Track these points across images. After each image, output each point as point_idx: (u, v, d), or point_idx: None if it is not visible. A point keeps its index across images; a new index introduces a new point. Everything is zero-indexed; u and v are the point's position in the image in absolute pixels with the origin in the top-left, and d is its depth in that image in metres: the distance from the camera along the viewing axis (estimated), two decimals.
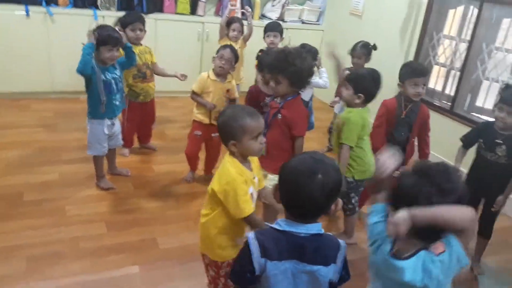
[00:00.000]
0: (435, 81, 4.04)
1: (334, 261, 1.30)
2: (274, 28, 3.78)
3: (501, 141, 2.35)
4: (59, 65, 4.32)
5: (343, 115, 2.46)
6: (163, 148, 3.68)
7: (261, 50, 3.76)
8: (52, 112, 4.17)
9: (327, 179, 1.23)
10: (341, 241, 1.33)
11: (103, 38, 2.62)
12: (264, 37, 3.83)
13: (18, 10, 4.09)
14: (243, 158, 1.71)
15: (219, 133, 1.73)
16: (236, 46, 3.85)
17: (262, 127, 1.71)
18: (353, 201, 2.57)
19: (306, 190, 1.22)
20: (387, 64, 4.25)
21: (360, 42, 3.66)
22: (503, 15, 3.44)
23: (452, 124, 3.68)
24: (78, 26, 4.22)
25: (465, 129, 3.55)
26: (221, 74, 2.96)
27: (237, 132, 1.65)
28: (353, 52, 3.61)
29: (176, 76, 3.38)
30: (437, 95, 4.02)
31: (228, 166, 1.67)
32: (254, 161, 1.79)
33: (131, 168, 3.28)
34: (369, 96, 2.40)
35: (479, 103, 3.67)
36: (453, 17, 3.86)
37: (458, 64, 3.78)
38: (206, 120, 3.01)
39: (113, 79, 2.75)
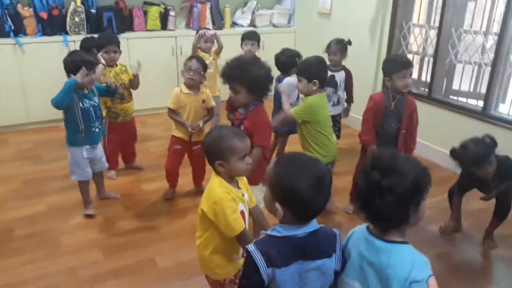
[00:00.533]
0: None
1: (334, 251, 1.31)
2: (251, 37, 3.82)
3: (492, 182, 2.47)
4: (34, 95, 4.27)
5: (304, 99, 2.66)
6: (149, 166, 3.64)
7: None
8: (31, 144, 4.10)
9: (330, 180, 1.26)
10: (335, 230, 1.35)
11: (77, 64, 2.58)
12: (241, 45, 3.85)
13: None
14: (230, 177, 1.71)
15: (206, 153, 1.72)
16: (210, 58, 3.88)
17: (249, 147, 1.72)
18: None
19: (316, 198, 1.23)
20: (362, 59, 4.35)
21: (334, 39, 3.72)
22: None
23: (431, 109, 3.76)
24: (49, 53, 4.21)
25: (444, 113, 3.67)
26: (193, 85, 2.93)
27: (225, 152, 1.65)
28: (328, 49, 3.68)
29: (137, 69, 3.31)
30: (414, 82, 4.08)
31: (215, 186, 1.67)
32: (242, 179, 1.79)
33: (120, 190, 3.25)
34: (322, 80, 2.63)
35: (455, 86, 3.75)
36: (420, 5, 3.95)
37: (430, 50, 3.86)
38: (185, 138, 2.99)
39: (91, 107, 2.71)
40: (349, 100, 3.77)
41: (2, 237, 2.66)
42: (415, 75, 4.09)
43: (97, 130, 2.79)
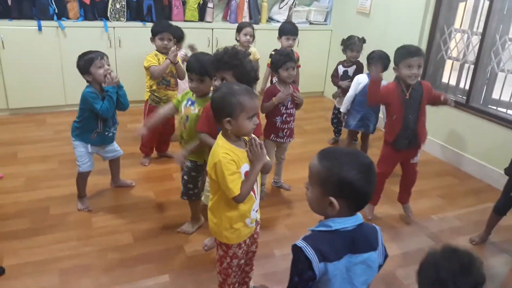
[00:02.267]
0: (449, 75, 4.03)
1: (377, 244, 1.33)
2: (294, 32, 3.80)
3: None
4: (72, 78, 4.32)
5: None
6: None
7: (274, 50, 3.79)
8: (67, 125, 4.15)
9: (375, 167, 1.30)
10: (373, 224, 1.38)
11: (86, 59, 2.62)
12: (280, 38, 3.84)
13: (31, 26, 4.14)
14: (236, 137, 1.72)
15: (214, 109, 1.72)
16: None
17: (258, 107, 1.74)
18: (199, 184, 2.53)
19: (367, 185, 1.25)
20: None
21: (355, 37, 3.90)
22: None
23: (468, 117, 3.67)
24: (89, 38, 4.29)
25: (482, 123, 3.58)
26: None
27: (235, 109, 1.66)
28: (353, 46, 3.85)
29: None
30: (451, 89, 4.01)
31: (217, 148, 1.70)
32: None
33: (151, 177, 3.32)
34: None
35: (495, 95, 3.65)
36: (464, 10, 3.85)
37: (471, 57, 3.77)
38: None
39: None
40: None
41: (38, 215, 2.75)
42: (453, 81, 4.01)
43: (110, 134, 2.83)
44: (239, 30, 3.96)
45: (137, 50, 4.35)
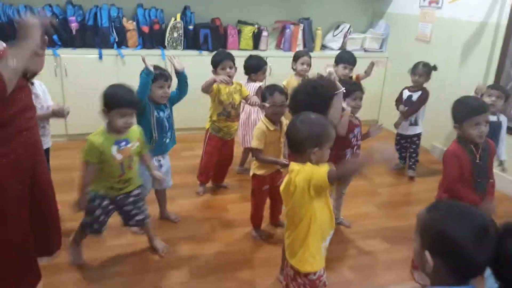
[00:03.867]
0: None
1: None
2: (351, 62, 3.75)
3: None
4: None
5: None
6: (234, 185, 3.62)
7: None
8: None
9: (494, 233, 1.14)
10: None
11: (117, 97, 2.49)
12: (337, 66, 3.78)
13: (92, 54, 4.27)
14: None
15: (297, 139, 1.72)
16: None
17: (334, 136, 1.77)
18: (100, 219, 2.40)
19: (477, 250, 1.11)
20: (463, 92, 4.06)
21: (420, 62, 3.85)
22: None
23: None
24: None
25: None
26: (278, 120, 2.64)
27: (323, 139, 1.70)
28: (415, 70, 3.81)
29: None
30: None
31: (298, 175, 1.70)
32: None
33: (205, 208, 3.25)
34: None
35: None
36: None
37: None
38: (272, 169, 2.71)
39: (165, 118, 2.75)
40: (407, 113, 3.80)
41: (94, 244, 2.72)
42: None
43: (167, 140, 2.82)
44: (295, 59, 3.91)
45: (193, 78, 4.36)
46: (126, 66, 4.40)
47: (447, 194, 2.30)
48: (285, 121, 2.72)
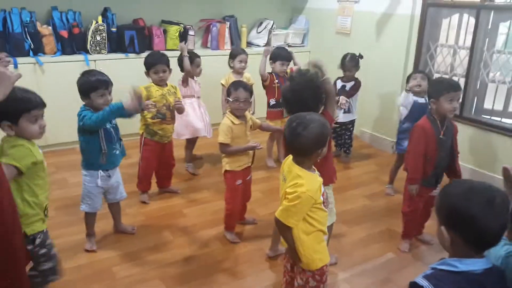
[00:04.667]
0: None
1: None
2: (288, 58, 3.85)
3: None
4: (52, 117, 4.01)
5: None
6: (184, 189, 3.52)
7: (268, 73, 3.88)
8: (52, 167, 3.89)
9: (505, 199, 1.20)
10: (500, 267, 1.29)
11: (91, 84, 2.44)
12: (274, 63, 3.86)
13: None
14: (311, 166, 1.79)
15: (305, 142, 1.71)
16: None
17: None
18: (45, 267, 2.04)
19: (488, 220, 1.17)
20: (386, 80, 4.40)
21: (347, 55, 4.02)
22: (499, 20, 3.62)
23: (463, 127, 3.79)
24: (70, 73, 3.93)
25: (475, 131, 3.72)
26: (242, 115, 2.69)
27: (327, 137, 1.77)
28: (343, 66, 3.97)
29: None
30: None
31: (300, 181, 1.71)
32: None
33: (159, 216, 3.11)
34: None
35: (487, 105, 3.80)
36: (449, 26, 4.02)
37: (460, 70, 3.92)
38: (244, 164, 2.72)
39: (112, 128, 2.59)
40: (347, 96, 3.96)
41: None
42: None
43: (117, 152, 2.66)
44: (233, 57, 3.91)
45: (121, 82, 4.14)
46: (46, 75, 4.03)
47: (407, 162, 2.60)
48: (249, 115, 2.75)
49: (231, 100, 2.61)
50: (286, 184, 1.75)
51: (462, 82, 3.83)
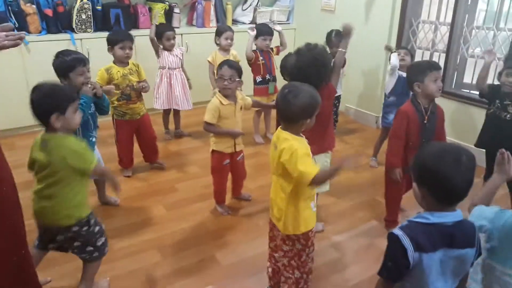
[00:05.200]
0: None
1: (475, 241, 1.38)
2: (270, 33, 3.88)
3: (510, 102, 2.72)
4: None
5: None
6: (176, 165, 3.61)
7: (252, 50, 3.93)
8: None
9: (471, 158, 1.31)
10: (472, 222, 1.43)
11: (68, 63, 2.44)
12: (256, 40, 3.89)
13: None
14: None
15: (295, 113, 1.76)
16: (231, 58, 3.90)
17: None
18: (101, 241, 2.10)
19: (453, 177, 1.28)
20: (370, 57, 4.50)
21: (332, 31, 3.96)
22: None
23: (443, 101, 3.92)
24: (55, 52, 4.02)
25: (456, 105, 3.86)
26: (229, 94, 2.66)
27: (315, 109, 1.79)
28: (329, 43, 3.88)
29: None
30: None
31: (287, 142, 1.76)
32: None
33: (151, 191, 3.20)
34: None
35: (467, 80, 3.94)
36: (430, 2, 4.11)
37: (441, 46, 4.03)
38: (230, 149, 2.76)
39: (90, 116, 2.59)
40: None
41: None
42: None
43: (94, 139, 2.68)
44: (219, 34, 3.95)
45: (108, 60, 4.15)
46: (32, 54, 4.02)
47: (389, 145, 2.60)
48: (240, 95, 2.76)
49: (216, 78, 2.64)
50: (277, 149, 1.81)
51: (443, 57, 3.97)
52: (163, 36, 3.83)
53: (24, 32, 1.91)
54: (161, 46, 3.88)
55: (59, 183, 1.89)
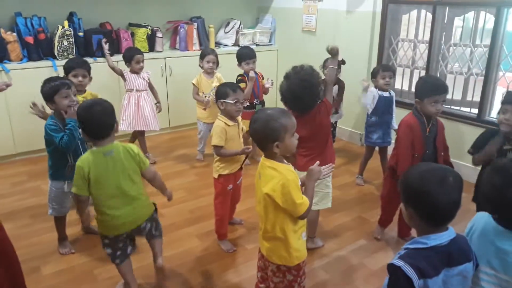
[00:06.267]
0: (401, 81, 4.34)
1: (472, 255, 1.38)
2: (253, 56, 3.88)
3: (510, 147, 2.33)
4: (21, 124, 4.03)
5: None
6: None
7: (240, 75, 3.87)
8: (24, 175, 3.85)
9: (457, 179, 1.32)
10: (462, 234, 1.45)
11: (52, 87, 2.47)
12: (240, 65, 3.89)
13: None
14: (281, 158, 1.79)
15: (258, 138, 1.77)
16: (214, 82, 3.91)
17: (295, 122, 1.80)
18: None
19: (439, 196, 1.28)
20: (351, 75, 4.55)
21: (327, 59, 3.88)
22: (454, 15, 3.82)
23: None
24: (37, 80, 3.87)
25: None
26: (236, 116, 2.64)
27: (280, 131, 1.72)
28: (325, 62, 3.85)
29: None
30: (405, 93, 4.33)
31: (272, 172, 1.74)
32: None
33: None
34: None
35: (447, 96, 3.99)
36: (408, 22, 4.20)
37: (421, 63, 4.11)
38: (237, 167, 2.68)
39: (79, 140, 2.58)
40: (335, 104, 3.92)
41: (31, 278, 2.46)
42: (405, 86, 4.33)
43: None
44: (202, 57, 3.98)
45: (91, 86, 4.14)
46: (14, 82, 3.85)
47: (396, 158, 2.58)
48: (239, 117, 2.73)
49: (231, 102, 2.54)
50: (261, 181, 1.79)
51: (423, 74, 4.03)
52: (132, 59, 3.87)
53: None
54: (126, 70, 3.92)
55: None
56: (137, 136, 4.12)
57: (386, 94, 3.53)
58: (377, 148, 3.74)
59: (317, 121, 2.43)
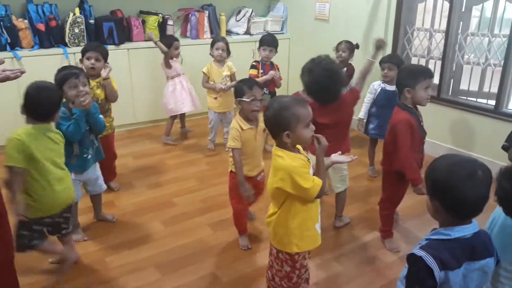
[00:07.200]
0: None
1: (494, 250, 1.36)
2: (271, 43, 3.83)
3: None
4: None
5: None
6: (174, 178, 3.56)
7: (255, 61, 3.93)
8: None
9: (486, 173, 1.27)
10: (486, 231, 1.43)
11: (61, 76, 2.46)
12: (259, 49, 3.88)
13: None
14: (293, 147, 1.76)
15: (269, 126, 1.77)
16: (225, 71, 3.87)
17: (311, 114, 1.74)
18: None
19: (467, 191, 1.25)
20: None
21: (342, 42, 4.00)
22: (471, 4, 3.73)
23: (440, 109, 3.92)
24: (49, 67, 3.91)
25: (453, 112, 3.84)
26: (255, 117, 2.47)
27: (291, 121, 1.68)
28: (339, 46, 3.94)
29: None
30: None
31: (280, 161, 1.71)
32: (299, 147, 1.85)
33: (149, 206, 3.14)
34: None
35: (463, 86, 3.93)
36: (424, 10, 4.11)
37: (436, 53, 4.03)
38: (255, 172, 2.57)
39: (86, 131, 2.56)
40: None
41: (47, 267, 2.48)
42: None
43: (89, 157, 2.64)
44: (212, 45, 3.95)
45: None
46: (26, 70, 3.94)
47: (401, 163, 2.39)
48: (260, 116, 2.54)
49: (247, 100, 2.39)
50: (270, 172, 1.78)
51: (438, 64, 3.96)
52: (172, 46, 4.02)
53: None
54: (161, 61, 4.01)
55: None
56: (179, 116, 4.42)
57: (390, 87, 3.44)
58: None
59: (342, 109, 2.48)
